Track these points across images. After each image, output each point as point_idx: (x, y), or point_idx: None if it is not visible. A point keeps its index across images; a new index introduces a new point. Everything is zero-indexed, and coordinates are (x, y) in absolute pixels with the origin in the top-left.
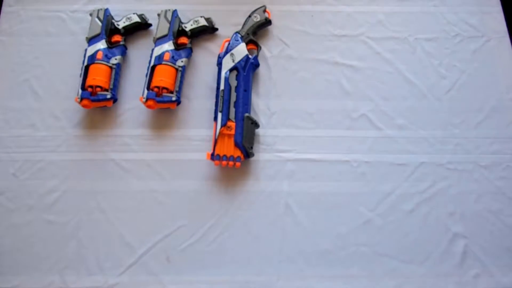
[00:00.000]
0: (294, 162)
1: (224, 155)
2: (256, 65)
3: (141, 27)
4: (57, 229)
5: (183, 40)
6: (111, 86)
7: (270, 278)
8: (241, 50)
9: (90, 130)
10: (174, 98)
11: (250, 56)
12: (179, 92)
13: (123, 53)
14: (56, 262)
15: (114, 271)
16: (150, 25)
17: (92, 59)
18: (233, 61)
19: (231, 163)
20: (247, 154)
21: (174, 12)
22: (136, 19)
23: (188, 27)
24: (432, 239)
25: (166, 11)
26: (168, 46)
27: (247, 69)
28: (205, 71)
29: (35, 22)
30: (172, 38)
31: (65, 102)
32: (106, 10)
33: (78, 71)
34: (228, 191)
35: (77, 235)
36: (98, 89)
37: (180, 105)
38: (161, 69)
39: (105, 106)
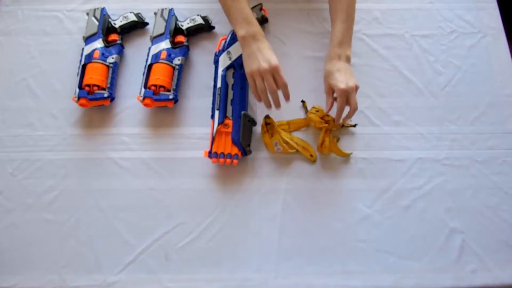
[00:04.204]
0: (291, 159)
1: (222, 153)
2: None
3: (137, 26)
4: (55, 228)
5: (180, 38)
6: (108, 85)
7: (268, 275)
8: (237, 48)
9: (87, 129)
10: (171, 96)
11: None
12: (176, 90)
13: (120, 52)
14: (54, 261)
15: (112, 270)
16: (147, 24)
17: (89, 58)
18: (230, 59)
19: (228, 160)
20: (245, 151)
21: (171, 10)
22: (132, 18)
23: (185, 25)
24: (430, 234)
25: (162, 10)
26: (165, 44)
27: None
28: (202, 69)
29: (32, 22)
30: (169, 37)
31: (62, 101)
32: (103, 9)
33: (75, 70)
34: (226, 189)
35: (75, 233)
36: (95, 88)
37: (177, 103)
38: (158, 68)
39: (103, 105)
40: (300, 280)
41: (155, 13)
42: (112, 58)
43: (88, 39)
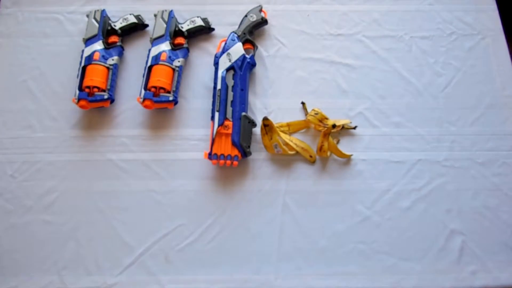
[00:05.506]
0: (291, 160)
1: (222, 154)
2: (252, 64)
3: (137, 27)
4: (55, 229)
5: (180, 40)
6: (108, 87)
7: (268, 276)
8: (237, 49)
9: (87, 130)
10: (171, 98)
11: (246, 56)
12: (176, 92)
13: (120, 54)
14: (54, 263)
15: (112, 271)
16: (147, 25)
17: (89, 60)
18: (230, 60)
19: (228, 162)
20: (245, 153)
21: (171, 12)
22: (132, 20)
23: (185, 27)
24: (430, 236)
25: (162, 12)
26: (165, 46)
27: (244, 69)
28: (202, 71)
29: (32, 24)
30: (169, 39)
31: (62, 103)
32: (103, 11)
33: (75, 72)
34: (226, 190)
35: (75, 235)
36: (95, 89)
37: (177, 105)
38: (158, 69)
39: (103, 106)
40: (300, 282)
41: (155, 15)
42: (112, 60)
43: (88, 41)
